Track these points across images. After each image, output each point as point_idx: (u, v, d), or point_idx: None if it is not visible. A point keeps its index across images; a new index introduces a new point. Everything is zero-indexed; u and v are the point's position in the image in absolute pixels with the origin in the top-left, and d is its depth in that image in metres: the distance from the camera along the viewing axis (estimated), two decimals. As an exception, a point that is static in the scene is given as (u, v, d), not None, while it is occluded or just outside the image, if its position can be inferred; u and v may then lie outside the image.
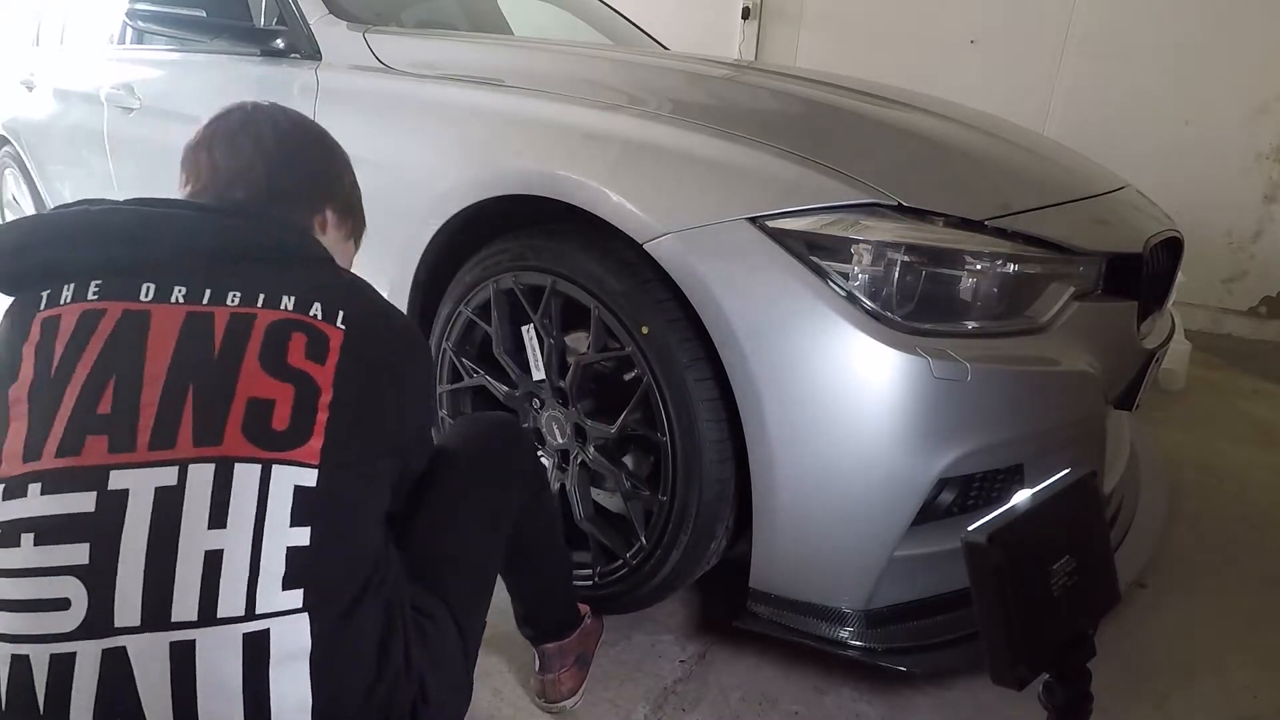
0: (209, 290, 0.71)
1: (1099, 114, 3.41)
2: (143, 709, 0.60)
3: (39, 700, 0.60)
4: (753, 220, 1.04)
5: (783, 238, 1.03)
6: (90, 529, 0.62)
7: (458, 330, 1.39)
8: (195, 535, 0.62)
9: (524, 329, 1.30)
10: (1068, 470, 0.78)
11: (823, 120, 1.31)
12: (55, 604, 0.61)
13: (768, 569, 1.13)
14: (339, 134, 0.97)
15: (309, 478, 0.67)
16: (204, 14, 1.64)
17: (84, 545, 0.61)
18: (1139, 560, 1.45)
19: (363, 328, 0.76)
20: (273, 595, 0.64)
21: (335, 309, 0.75)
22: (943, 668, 1.23)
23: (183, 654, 0.60)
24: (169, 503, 0.62)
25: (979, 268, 1.05)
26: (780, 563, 1.12)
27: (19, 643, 0.61)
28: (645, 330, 1.12)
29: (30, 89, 2.76)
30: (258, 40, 1.69)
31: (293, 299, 0.73)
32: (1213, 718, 1.23)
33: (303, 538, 0.65)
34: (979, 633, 0.70)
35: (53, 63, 2.71)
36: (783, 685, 1.25)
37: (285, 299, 0.73)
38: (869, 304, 1.02)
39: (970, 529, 0.69)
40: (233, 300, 0.71)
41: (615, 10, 2.69)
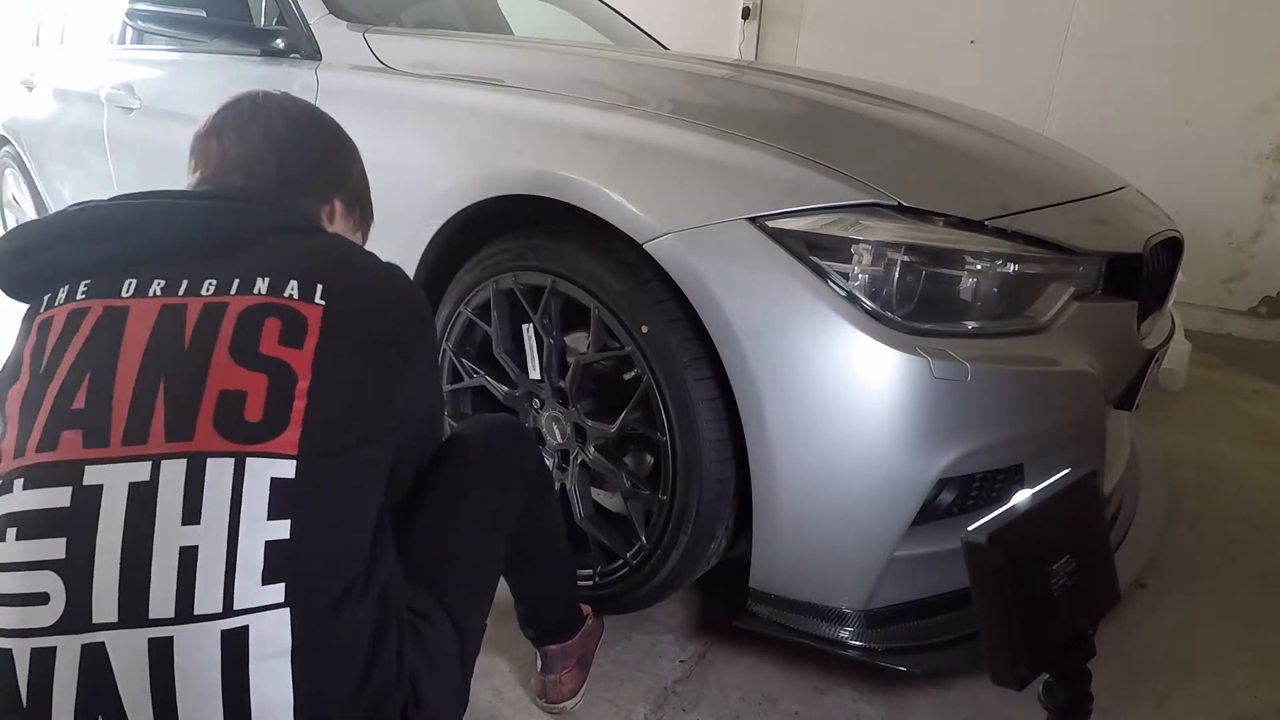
0: (186, 281, 0.70)
1: (1099, 114, 3.41)
2: (123, 705, 0.60)
3: (22, 694, 0.60)
4: (753, 220, 1.04)
5: (783, 238, 1.03)
6: (66, 524, 0.62)
7: (458, 330, 1.39)
8: (169, 531, 0.61)
9: (524, 328, 1.30)
10: (1068, 470, 0.78)
11: (823, 120, 1.31)
12: (35, 598, 0.61)
13: (768, 569, 1.13)
14: (339, 134, 0.97)
15: (287, 469, 0.65)
16: (204, 14, 1.65)
17: (61, 540, 0.61)
18: (1139, 560, 1.45)
19: (348, 301, 0.73)
20: (251, 591, 0.63)
21: (314, 283, 0.72)
22: (943, 668, 1.23)
23: (161, 651, 0.60)
24: (143, 498, 0.62)
25: (979, 268, 1.05)
26: (780, 563, 1.12)
27: (3, 636, 0.61)
28: (645, 330, 1.12)
29: (30, 89, 2.76)
30: (258, 40, 1.69)
31: (267, 280, 0.71)
32: (1213, 718, 1.23)
33: (282, 531, 0.64)
34: (979, 633, 0.70)
35: (53, 63, 2.71)
36: (783, 685, 1.25)
37: (260, 281, 0.71)
38: (869, 304, 1.02)
39: (970, 529, 0.69)
40: (207, 289, 0.70)
41: (615, 10, 2.69)
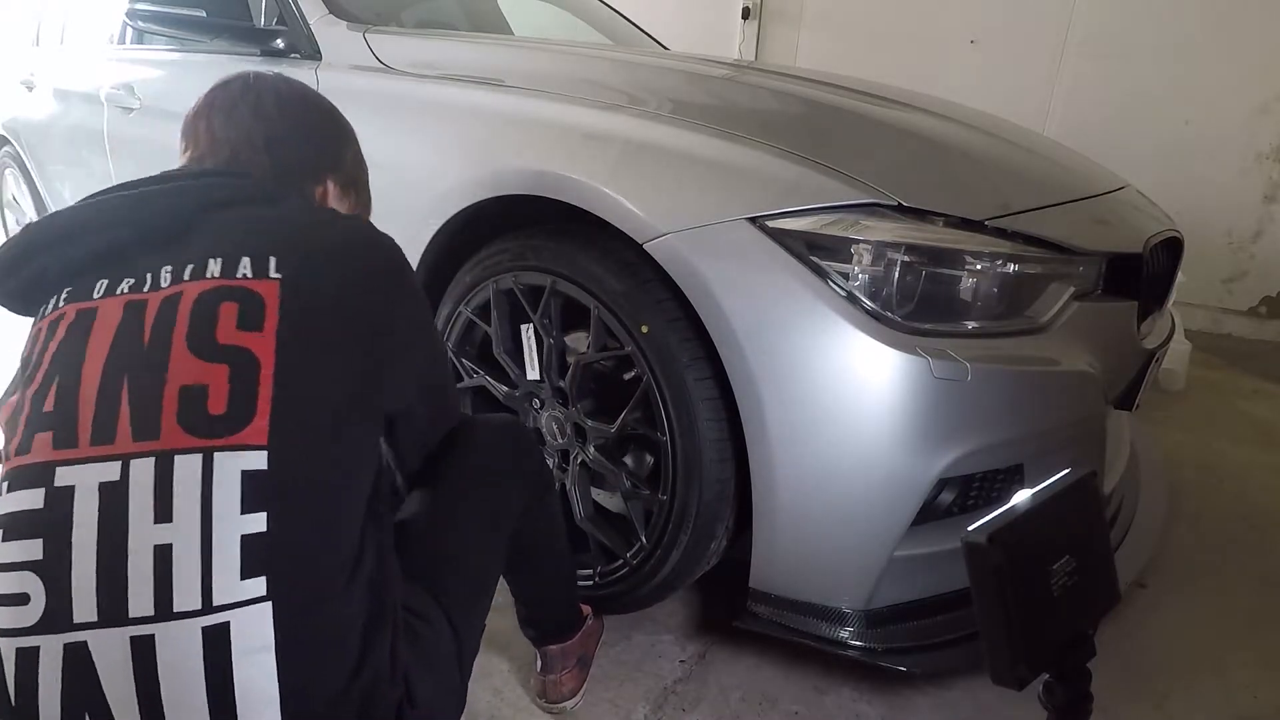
0: (150, 275, 0.69)
1: (1099, 114, 3.41)
2: (108, 703, 0.60)
3: (10, 693, 0.61)
4: (753, 220, 1.04)
5: (783, 238, 1.03)
6: (42, 525, 0.62)
7: (458, 330, 1.39)
8: (142, 530, 0.61)
9: (523, 328, 1.30)
10: (1068, 470, 0.78)
11: (823, 120, 1.31)
12: (17, 599, 0.61)
13: (768, 569, 1.13)
14: (339, 134, 0.97)
15: (258, 460, 0.63)
16: (204, 14, 1.65)
17: (38, 541, 0.61)
18: (1139, 560, 1.45)
19: (310, 271, 0.69)
20: (230, 586, 0.62)
21: (267, 257, 0.68)
22: (943, 668, 1.23)
23: (143, 649, 0.60)
24: (114, 498, 0.62)
25: (979, 268, 1.05)
26: (780, 563, 1.12)
27: None
28: (645, 330, 1.12)
29: (30, 89, 2.76)
30: (258, 40, 1.69)
31: (220, 261, 0.68)
32: (1213, 718, 1.23)
33: (258, 524, 0.63)
34: (979, 633, 0.70)
35: (53, 63, 2.71)
36: (783, 685, 1.25)
37: (213, 263, 0.68)
38: (869, 304, 1.02)
39: (970, 529, 0.69)
40: (165, 279, 0.68)
41: (615, 10, 2.69)
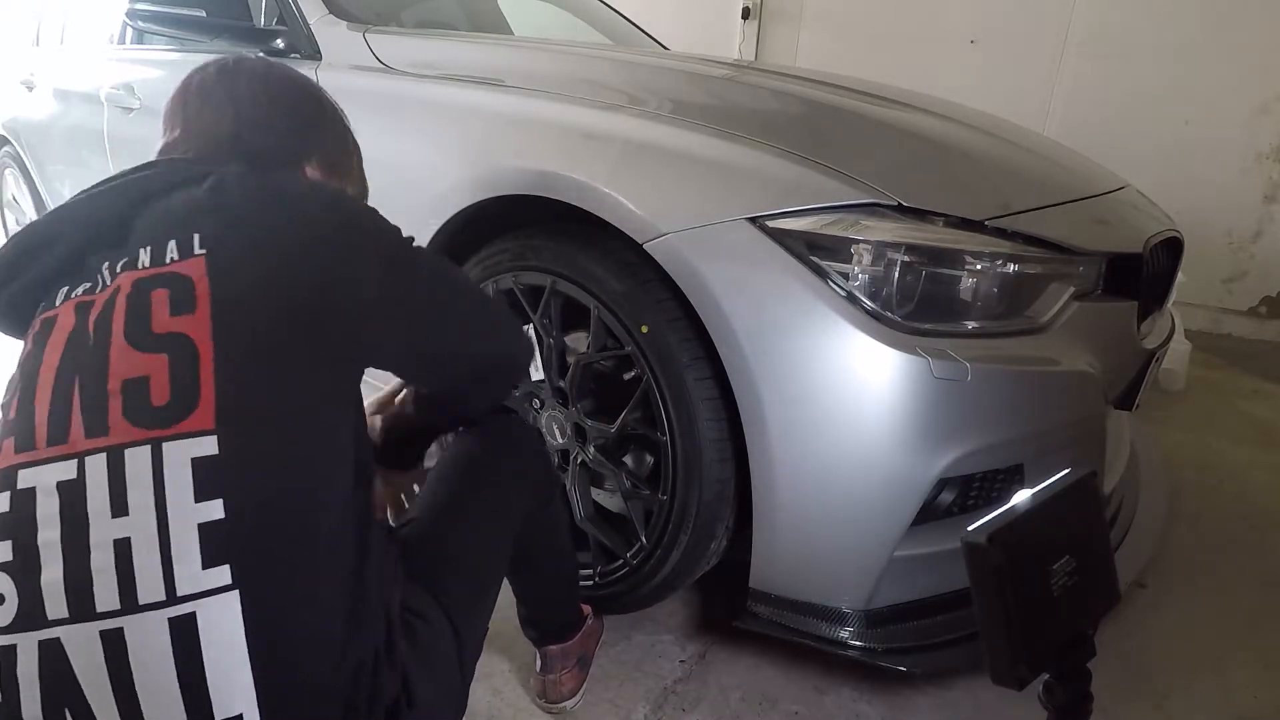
0: (98, 276, 0.69)
1: (1099, 114, 3.41)
2: (86, 697, 0.60)
3: None
4: (753, 220, 1.04)
5: (783, 238, 1.03)
6: (10, 527, 0.63)
7: (458, 330, 1.39)
8: (101, 526, 0.61)
9: (523, 328, 1.29)
10: (1068, 470, 0.78)
11: (823, 120, 1.30)
12: None
13: (768, 569, 1.13)
14: (339, 134, 0.97)
15: (209, 446, 0.62)
16: (204, 14, 1.65)
17: (7, 543, 0.62)
18: (1139, 560, 1.45)
19: (240, 240, 0.68)
20: (193, 576, 0.61)
21: (190, 234, 0.67)
22: (943, 668, 1.23)
23: (114, 642, 0.60)
24: (73, 496, 0.62)
25: (979, 268, 1.05)
26: (780, 563, 1.12)
27: None
28: (645, 330, 1.12)
29: (30, 89, 2.76)
30: (258, 40, 1.68)
31: (149, 249, 0.67)
32: (1213, 718, 1.23)
33: (215, 511, 0.62)
34: (979, 633, 0.70)
35: (53, 63, 2.71)
36: (783, 685, 1.25)
37: (143, 253, 0.67)
38: (869, 304, 1.02)
39: (970, 529, 0.69)
40: (107, 277, 0.68)
41: (615, 10, 2.69)
